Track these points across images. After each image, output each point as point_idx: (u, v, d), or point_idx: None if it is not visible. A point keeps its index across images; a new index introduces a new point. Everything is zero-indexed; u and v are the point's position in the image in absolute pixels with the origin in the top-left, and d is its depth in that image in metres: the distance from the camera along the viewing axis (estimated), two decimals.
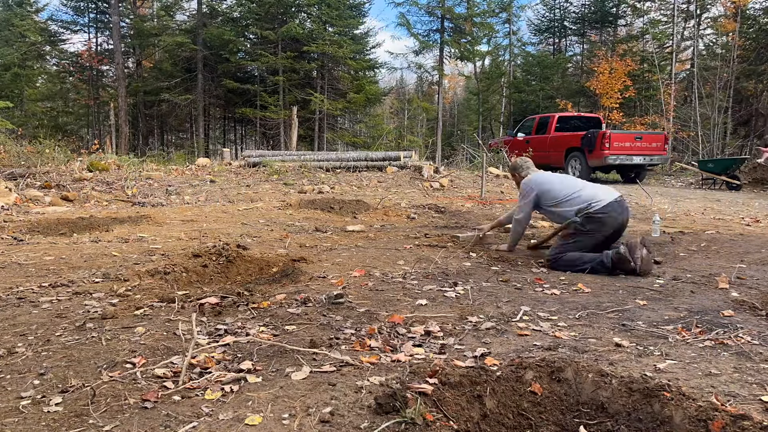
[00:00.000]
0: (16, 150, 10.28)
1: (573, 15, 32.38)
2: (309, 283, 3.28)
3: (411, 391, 1.68)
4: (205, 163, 12.51)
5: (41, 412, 1.62)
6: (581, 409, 1.77)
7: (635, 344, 2.22)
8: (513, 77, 31.54)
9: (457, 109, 44.20)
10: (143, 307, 2.70)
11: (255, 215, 6.42)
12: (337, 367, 1.95)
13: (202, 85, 24.56)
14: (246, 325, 2.46)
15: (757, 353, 2.13)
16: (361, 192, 9.05)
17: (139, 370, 1.92)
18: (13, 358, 2.04)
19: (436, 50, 27.87)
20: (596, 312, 2.72)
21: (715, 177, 13.02)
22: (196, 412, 1.62)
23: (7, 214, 6.20)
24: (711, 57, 26.08)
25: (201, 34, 23.86)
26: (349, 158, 12.13)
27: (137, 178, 9.61)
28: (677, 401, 1.64)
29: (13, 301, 2.79)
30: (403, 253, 4.26)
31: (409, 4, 27.04)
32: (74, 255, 3.98)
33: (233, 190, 8.99)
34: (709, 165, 13.56)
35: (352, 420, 1.57)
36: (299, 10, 24.08)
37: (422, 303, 2.83)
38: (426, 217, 6.72)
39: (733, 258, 4.25)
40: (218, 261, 3.63)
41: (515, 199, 8.68)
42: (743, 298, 3.01)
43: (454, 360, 2.01)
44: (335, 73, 25.11)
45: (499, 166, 12.95)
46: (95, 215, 6.10)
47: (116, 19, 23.19)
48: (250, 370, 1.91)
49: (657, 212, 6.67)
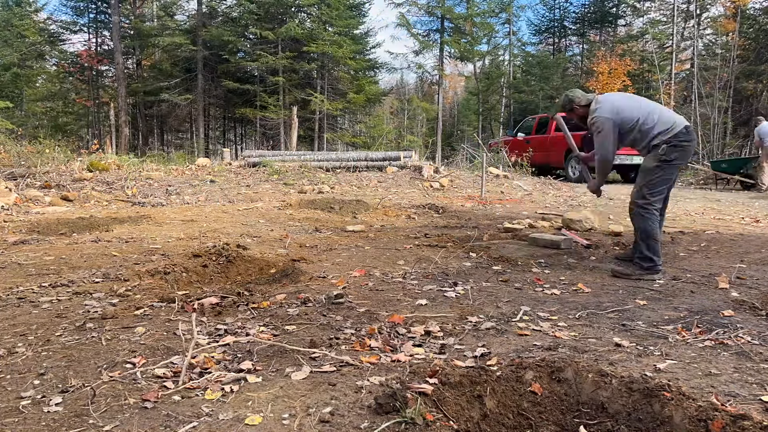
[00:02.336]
0: (16, 150, 10.28)
1: (573, 15, 32.42)
2: (309, 283, 3.28)
3: (411, 391, 1.68)
4: (205, 163, 12.51)
5: (41, 412, 1.62)
6: (581, 409, 1.77)
7: (635, 344, 2.22)
8: (513, 77, 31.54)
9: (457, 109, 44.19)
10: (143, 307, 2.70)
11: (255, 215, 6.42)
12: (337, 367, 1.95)
13: (202, 85, 24.56)
14: (246, 325, 2.46)
15: (757, 353, 2.13)
16: (361, 192, 9.05)
17: (139, 370, 1.92)
18: (13, 358, 2.04)
19: (436, 50, 27.88)
20: (596, 312, 2.72)
21: (729, 177, 12.97)
22: (196, 412, 1.62)
23: (7, 214, 6.19)
24: (711, 57, 26.08)
25: (201, 34, 23.84)
26: (349, 158, 12.12)
27: (137, 178, 9.61)
28: (677, 401, 1.64)
29: (13, 301, 2.79)
30: (403, 253, 4.26)
31: (409, 4, 27.09)
32: (74, 255, 3.98)
33: (233, 190, 8.99)
34: (723, 165, 13.52)
35: (352, 420, 1.57)
36: (299, 10, 24.08)
37: (422, 303, 2.83)
38: (426, 217, 6.72)
39: (733, 258, 4.25)
40: (218, 261, 3.64)
41: (515, 199, 8.70)
42: (743, 298, 3.01)
43: (454, 360, 2.01)
44: (335, 73, 25.10)
45: (499, 166, 12.95)
46: (95, 215, 6.10)
47: (116, 19, 23.19)
48: (250, 370, 1.91)
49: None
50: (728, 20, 23.68)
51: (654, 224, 3.63)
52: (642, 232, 3.64)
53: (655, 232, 3.61)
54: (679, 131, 3.54)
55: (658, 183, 3.59)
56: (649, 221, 3.62)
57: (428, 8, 27.31)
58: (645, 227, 3.63)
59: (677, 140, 3.53)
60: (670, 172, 3.61)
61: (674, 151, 3.53)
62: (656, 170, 3.57)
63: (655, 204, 3.63)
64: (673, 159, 3.54)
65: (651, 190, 3.61)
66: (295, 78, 23.52)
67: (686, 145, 3.56)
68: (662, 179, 3.59)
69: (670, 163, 3.55)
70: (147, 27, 25.77)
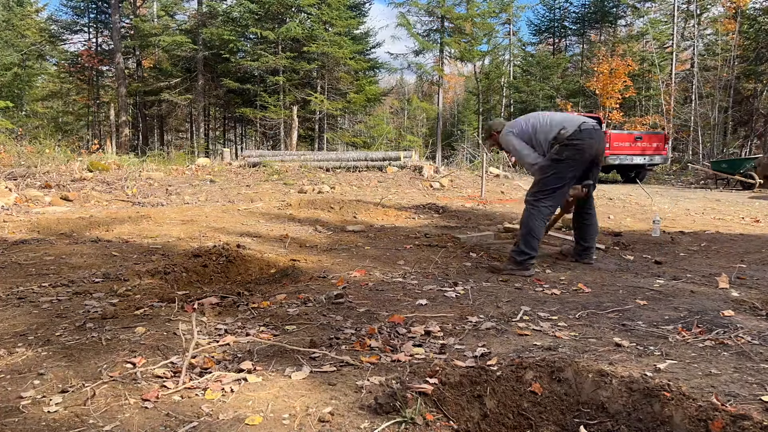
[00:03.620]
0: (16, 150, 10.28)
1: (573, 15, 32.41)
2: (309, 283, 3.28)
3: (411, 391, 1.68)
4: (205, 163, 12.51)
5: (41, 412, 1.62)
6: (581, 409, 1.77)
7: (635, 344, 2.22)
8: (513, 77, 31.54)
9: (457, 109, 44.19)
10: (143, 307, 2.70)
11: (255, 215, 6.42)
12: (337, 367, 1.95)
13: (202, 85, 24.56)
14: (246, 325, 2.46)
15: (757, 353, 2.13)
16: (361, 192, 9.05)
17: (139, 370, 1.92)
18: (13, 358, 2.04)
19: (436, 50, 27.86)
20: (596, 312, 2.72)
21: (729, 177, 12.96)
22: (196, 412, 1.62)
23: (7, 214, 6.19)
24: (711, 57, 26.08)
25: (201, 33, 23.85)
26: (349, 158, 12.12)
27: (137, 178, 9.61)
28: (677, 401, 1.64)
29: (13, 301, 2.79)
30: (403, 253, 4.26)
31: (409, 4, 27.06)
32: (74, 255, 3.98)
33: (233, 190, 8.99)
34: (723, 165, 13.52)
35: (352, 420, 1.57)
36: (299, 10, 24.06)
37: (422, 303, 2.83)
38: (426, 217, 6.72)
39: (733, 258, 4.25)
40: (218, 261, 3.64)
41: (515, 199, 8.70)
42: (743, 298, 3.00)
43: (454, 360, 2.00)
44: (335, 73, 25.08)
45: (499, 166, 12.95)
46: (95, 215, 6.09)
47: (116, 19, 23.20)
48: (250, 370, 1.91)
49: (657, 212, 6.67)
50: (728, 20, 23.67)
51: (539, 222, 3.73)
52: (525, 227, 3.74)
53: (538, 231, 3.72)
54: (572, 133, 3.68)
55: (552, 182, 3.71)
56: (535, 219, 3.72)
57: (428, 8, 27.30)
58: (529, 223, 3.72)
59: (569, 140, 3.68)
60: (565, 170, 3.70)
61: (566, 149, 3.68)
62: (548, 169, 3.72)
63: (544, 202, 3.73)
64: (566, 158, 3.68)
65: (542, 188, 3.74)
66: (296, 78, 23.51)
67: (578, 143, 3.67)
68: (556, 177, 3.70)
69: (562, 162, 3.69)
70: (147, 27, 25.76)
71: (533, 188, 3.81)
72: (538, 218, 3.72)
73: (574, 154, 3.68)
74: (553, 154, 3.71)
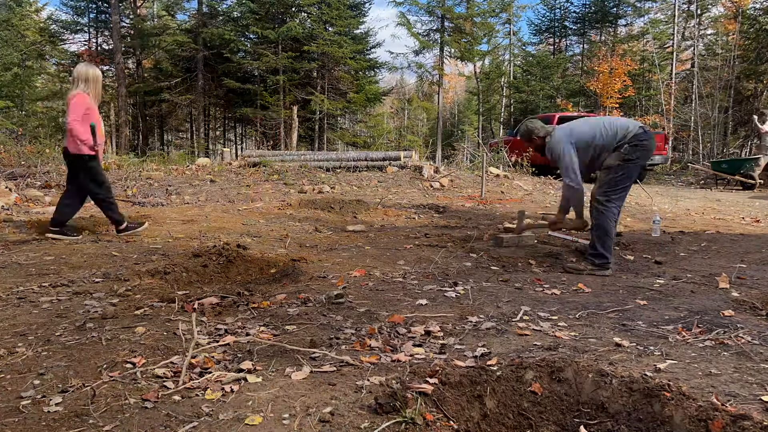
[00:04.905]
0: (16, 150, 10.27)
1: (573, 15, 32.38)
2: (309, 283, 3.28)
3: (411, 391, 1.68)
4: (206, 163, 12.50)
5: (41, 412, 1.62)
6: (581, 409, 1.77)
7: (635, 344, 2.22)
8: (513, 77, 31.52)
9: (457, 109, 44.19)
10: (143, 307, 2.70)
11: (255, 215, 6.42)
12: (337, 367, 1.95)
13: (202, 85, 24.55)
14: (246, 325, 2.46)
15: (757, 353, 2.13)
16: (361, 192, 9.05)
17: (139, 370, 1.92)
18: (13, 358, 2.04)
19: (436, 50, 27.85)
20: (596, 312, 2.72)
21: (729, 177, 12.93)
22: (196, 412, 1.62)
23: (7, 214, 6.19)
24: (711, 57, 26.08)
25: (201, 33, 23.84)
26: (349, 158, 12.12)
27: (137, 177, 9.60)
28: (677, 401, 1.64)
29: (13, 301, 2.79)
30: (403, 253, 4.26)
31: (409, 3, 27.06)
32: (74, 255, 3.98)
33: (233, 190, 8.99)
34: (723, 165, 13.50)
35: (352, 420, 1.57)
36: (299, 10, 24.06)
37: (422, 303, 2.83)
38: (426, 217, 6.72)
39: (733, 258, 4.25)
40: (218, 261, 3.64)
41: (515, 199, 8.70)
42: (743, 298, 3.00)
43: (454, 360, 2.00)
44: (335, 72, 25.08)
45: (499, 166, 12.94)
46: (95, 215, 6.09)
47: (116, 19, 23.18)
48: (250, 370, 1.91)
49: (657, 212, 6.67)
50: (729, 20, 23.66)
51: (611, 222, 3.75)
52: (599, 229, 3.75)
53: (611, 231, 3.73)
54: (641, 133, 3.71)
55: (622, 181, 3.73)
56: (608, 219, 3.74)
57: (428, 8, 27.30)
58: (603, 225, 3.74)
59: (637, 140, 3.70)
60: (634, 170, 3.74)
61: (636, 150, 3.70)
62: (618, 169, 3.72)
63: (615, 202, 3.76)
64: (636, 158, 3.71)
65: (614, 188, 3.74)
66: (296, 78, 23.50)
67: (645, 143, 3.70)
68: (626, 176, 3.73)
69: (632, 161, 3.71)
70: (147, 27, 25.78)
71: (603, 187, 3.78)
72: (610, 218, 3.76)
73: (643, 155, 3.74)
74: (623, 155, 3.71)
